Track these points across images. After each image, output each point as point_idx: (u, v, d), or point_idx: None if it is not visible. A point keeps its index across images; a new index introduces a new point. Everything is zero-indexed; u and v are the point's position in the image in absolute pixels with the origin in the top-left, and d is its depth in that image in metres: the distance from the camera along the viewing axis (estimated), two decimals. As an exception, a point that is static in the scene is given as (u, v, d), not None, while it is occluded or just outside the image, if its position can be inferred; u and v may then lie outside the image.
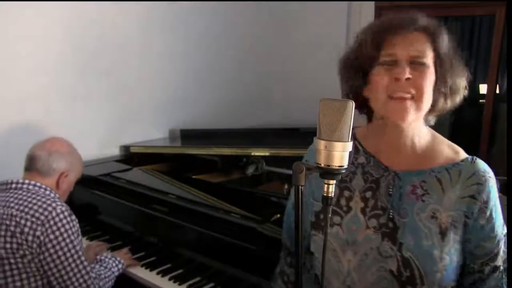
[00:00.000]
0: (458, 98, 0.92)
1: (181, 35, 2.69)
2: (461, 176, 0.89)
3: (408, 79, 0.83)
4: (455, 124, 3.46)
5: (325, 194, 0.76)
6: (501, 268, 0.91)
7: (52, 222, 1.43)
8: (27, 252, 1.42)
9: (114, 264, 1.68)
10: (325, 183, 0.75)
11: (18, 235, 1.41)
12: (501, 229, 0.90)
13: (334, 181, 0.75)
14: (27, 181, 1.54)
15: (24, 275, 1.45)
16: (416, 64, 0.85)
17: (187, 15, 2.69)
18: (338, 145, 0.73)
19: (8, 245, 1.42)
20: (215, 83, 2.95)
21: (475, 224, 0.88)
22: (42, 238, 1.42)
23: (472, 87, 3.71)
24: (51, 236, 1.43)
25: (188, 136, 2.68)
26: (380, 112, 0.89)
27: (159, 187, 2.01)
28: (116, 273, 1.67)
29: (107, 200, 2.02)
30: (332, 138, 0.72)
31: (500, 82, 2.97)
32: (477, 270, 0.90)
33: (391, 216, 0.89)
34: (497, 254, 0.90)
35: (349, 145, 0.73)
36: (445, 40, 0.89)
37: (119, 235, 1.99)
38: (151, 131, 2.63)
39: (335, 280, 0.94)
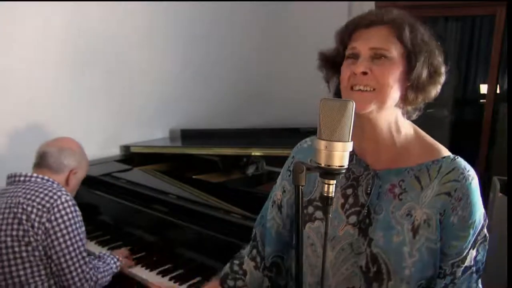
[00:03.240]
0: (432, 92, 0.90)
1: (181, 35, 2.69)
2: (439, 172, 0.88)
3: (365, 73, 0.84)
4: (455, 124, 3.46)
5: (325, 194, 0.76)
6: (473, 269, 0.89)
7: (56, 210, 1.49)
8: (32, 239, 1.47)
9: (112, 262, 1.70)
10: (325, 183, 0.75)
11: (24, 222, 1.47)
12: (475, 229, 0.88)
13: (334, 181, 0.75)
14: (35, 175, 1.60)
15: (27, 264, 1.49)
16: (378, 57, 0.85)
17: (187, 16, 2.69)
18: (338, 145, 0.73)
19: (14, 232, 1.47)
20: (215, 83, 2.95)
21: (447, 221, 0.86)
22: (47, 224, 1.48)
23: (473, 87, 3.72)
24: (54, 223, 1.48)
25: (189, 136, 2.68)
26: None
27: (159, 187, 2.01)
28: (114, 270, 1.69)
29: (107, 200, 2.02)
30: (332, 138, 0.73)
31: (500, 82, 2.96)
32: (448, 272, 0.88)
33: (365, 213, 0.91)
34: (467, 255, 0.87)
35: (350, 145, 0.74)
36: (413, 33, 0.87)
37: (119, 235, 2.00)
38: (151, 131, 2.63)
39: (309, 275, 0.96)
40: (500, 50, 2.77)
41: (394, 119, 0.91)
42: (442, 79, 0.90)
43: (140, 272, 1.75)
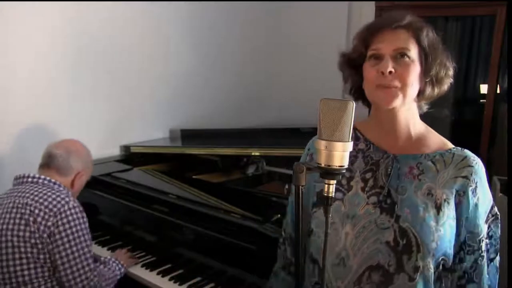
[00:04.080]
0: (446, 86, 1.00)
1: (182, 35, 2.69)
2: (453, 159, 0.97)
3: (391, 72, 0.91)
4: (456, 124, 3.46)
5: (325, 194, 0.76)
6: (487, 242, 0.99)
7: (63, 215, 1.49)
8: (37, 241, 1.47)
9: (117, 268, 1.70)
10: (326, 183, 0.75)
11: (31, 223, 1.46)
12: (488, 207, 0.99)
13: (335, 181, 0.75)
14: (43, 176, 1.60)
15: (32, 265, 1.48)
16: (400, 57, 0.92)
17: (187, 16, 2.69)
18: (338, 145, 0.73)
19: (21, 233, 1.47)
20: (215, 83, 2.95)
21: (468, 202, 0.95)
22: (52, 228, 1.47)
23: (473, 87, 3.71)
24: (61, 228, 1.48)
25: (189, 136, 2.68)
26: (371, 100, 0.98)
27: (159, 187, 2.01)
28: (118, 277, 1.69)
29: (107, 200, 2.02)
30: (332, 138, 0.73)
31: (500, 82, 2.96)
32: (477, 248, 0.97)
33: (386, 194, 0.96)
34: (483, 229, 0.98)
35: (350, 145, 0.74)
36: (428, 35, 0.96)
37: (119, 235, 2.00)
38: (151, 131, 2.63)
39: (330, 253, 0.98)
40: (500, 50, 2.77)
41: (411, 113, 1.00)
42: (451, 72, 0.99)
43: (140, 272, 1.75)
